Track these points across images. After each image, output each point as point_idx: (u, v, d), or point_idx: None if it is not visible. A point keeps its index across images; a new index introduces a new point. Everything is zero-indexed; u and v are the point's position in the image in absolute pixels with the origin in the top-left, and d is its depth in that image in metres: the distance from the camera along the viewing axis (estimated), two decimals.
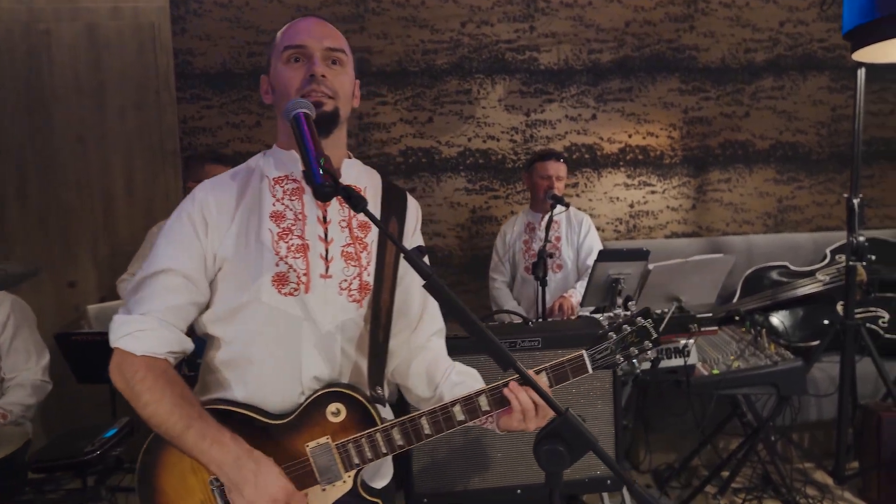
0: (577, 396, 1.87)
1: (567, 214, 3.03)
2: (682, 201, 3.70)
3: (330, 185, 1.04)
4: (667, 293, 2.28)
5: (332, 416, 1.19)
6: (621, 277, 2.17)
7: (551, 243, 2.96)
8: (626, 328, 1.27)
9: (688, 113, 3.65)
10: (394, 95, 3.45)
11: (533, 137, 3.56)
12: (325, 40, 1.21)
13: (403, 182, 3.50)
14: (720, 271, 2.34)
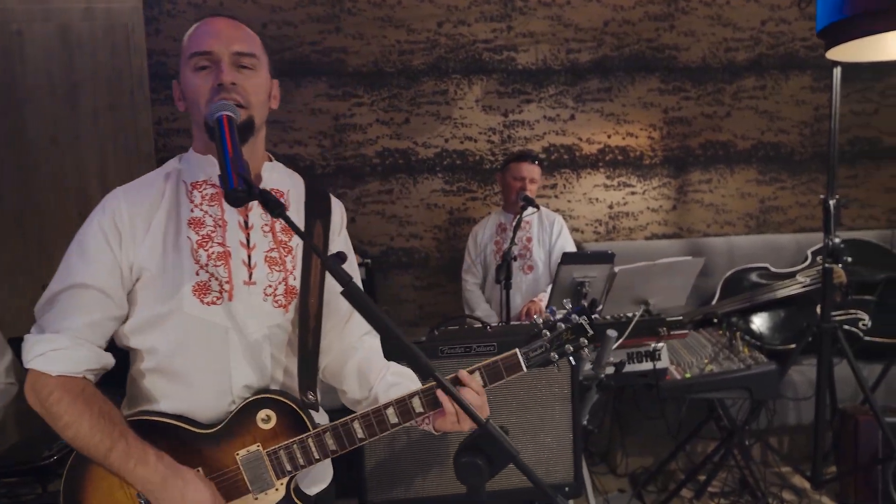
0: (533, 401, 1.84)
1: (539, 215, 3.00)
2: (662, 202, 3.66)
3: (243, 190, 1.01)
4: (634, 296, 2.25)
5: (262, 423, 1.17)
6: (586, 280, 2.14)
7: (522, 244, 2.93)
8: (560, 326, 1.24)
9: (668, 113, 3.61)
10: (370, 96, 3.42)
11: (511, 138, 3.53)
12: (234, 44, 1.17)
13: (380, 184, 3.48)
14: (689, 274, 2.30)
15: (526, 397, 1.83)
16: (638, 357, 2.37)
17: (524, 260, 2.92)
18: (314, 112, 3.40)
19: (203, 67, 1.16)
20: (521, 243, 2.93)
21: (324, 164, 3.44)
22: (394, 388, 1.24)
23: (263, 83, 1.23)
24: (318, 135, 3.41)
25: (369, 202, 3.48)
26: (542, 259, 2.93)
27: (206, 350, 1.16)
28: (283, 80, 3.37)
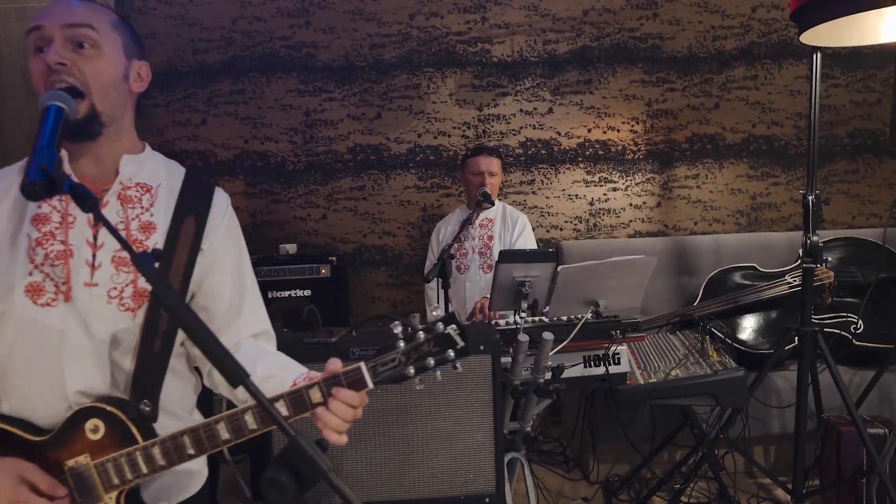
0: (453, 406, 1.75)
1: (503, 213, 2.90)
2: (646, 199, 3.51)
3: (40, 183, 0.96)
4: (582, 297, 2.13)
5: (90, 434, 1.11)
6: (527, 280, 2.03)
7: (483, 242, 2.84)
8: (420, 336, 1.14)
9: (651, 105, 3.46)
10: (341, 91, 3.37)
11: (486, 133, 3.43)
12: (67, 16, 1.08)
13: (352, 180, 3.42)
14: (642, 274, 2.18)
15: (445, 401, 1.74)
16: (596, 360, 2.25)
17: (484, 258, 2.82)
18: (285, 108, 3.36)
19: (39, 49, 1.09)
20: (483, 241, 2.84)
21: (295, 161, 3.40)
22: (269, 381, 1.17)
23: (108, 64, 1.12)
24: (289, 131, 3.38)
25: (341, 199, 3.43)
26: None
27: (38, 353, 1.11)
28: (254, 76, 3.36)
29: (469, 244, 2.85)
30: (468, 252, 2.84)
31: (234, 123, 3.35)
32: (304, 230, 3.44)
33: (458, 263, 2.84)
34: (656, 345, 2.77)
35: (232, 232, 1.28)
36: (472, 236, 2.86)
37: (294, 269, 3.08)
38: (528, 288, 2.02)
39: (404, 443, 1.72)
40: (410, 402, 1.71)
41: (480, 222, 2.87)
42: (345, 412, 1.08)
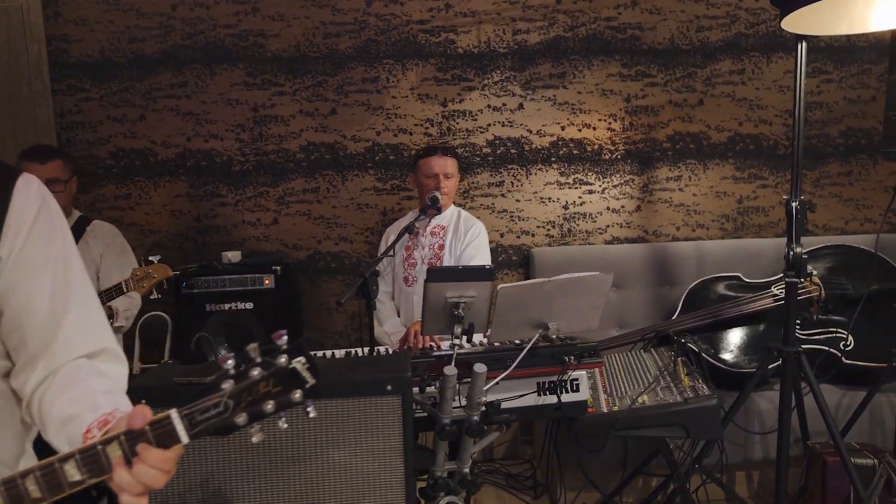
0: (355, 454, 1.48)
1: (457, 220, 2.64)
2: (624, 202, 3.26)
3: None
4: (528, 319, 1.87)
5: None
6: (462, 302, 1.78)
7: (433, 252, 2.58)
8: (254, 373, 0.86)
9: (630, 101, 3.20)
10: (292, 84, 3.09)
11: (451, 130, 3.16)
12: None
13: (305, 182, 3.15)
14: (597, 292, 1.92)
15: (347, 449, 1.47)
16: (553, 387, 2.00)
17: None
18: (231, 103, 3.08)
19: None
20: (433, 251, 2.58)
21: (242, 160, 3.12)
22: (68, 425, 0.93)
23: None
24: (236, 127, 3.10)
25: (293, 202, 3.16)
26: None
27: None
28: (196, 68, 3.07)
29: (418, 254, 2.59)
30: (417, 262, 2.58)
31: (175, 119, 3.07)
32: (252, 236, 3.17)
33: (405, 275, 2.58)
34: (627, 365, 2.52)
35: (47, 230, 1.02)
36: (421, 245, 2.60)
37: (235, 280, 2.81)
38: (462, 310, 1.76)
39: (301, 494, 1.46)
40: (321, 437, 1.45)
41: (432, 230, 2.60)
42: (152, 478, 0.83)
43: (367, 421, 1.45)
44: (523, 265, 3.24)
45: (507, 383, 1.90)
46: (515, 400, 1.92)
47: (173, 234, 3.14)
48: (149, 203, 3.12)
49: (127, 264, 2.51)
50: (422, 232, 2.60)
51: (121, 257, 2.54)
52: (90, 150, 3.07)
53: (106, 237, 2.56)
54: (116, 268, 2.49)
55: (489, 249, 2.66)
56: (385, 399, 1.43)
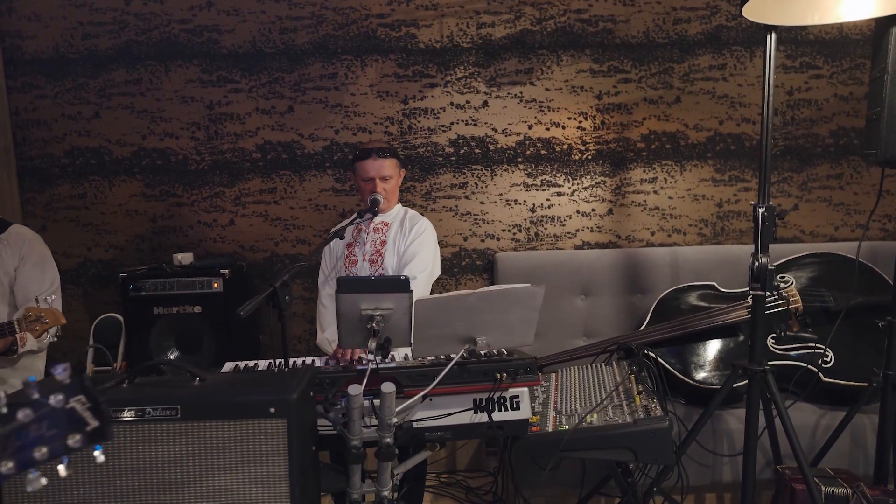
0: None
1: (402, 217, 2.51)
2: (595, 205, 3.09)
3: None
4: (454, 334, 1.74)
5: None
6: (377, 315, 1.65)
7: (375, 248, 2.45)
8: (20, 416, 0.75)
9: (602, 99, 3.03)
10: (248, 81, 3.00)
11: (412, 129, 3.04)
12: None
13: (261, 182, 3.05)
14: (528, 306, 1.77)
15: (236, 468, 1.36)
16: (492, 404, 1.87)
17: (375, 267, 2.44)
18: (185, 100, 3.00)
19: None
20: (374, 247, 2.45)
21: (198, 159, 3.04)
22: None
23: None
24: (191, 126, 3.02)
25: (250, 202, 3.07)
26: (394, 267, 2.44)
27: None
28: (150, 64, 3.00)
29: (359, 250, 2.47)
30: (358, 259, 2.46)
31: (129, 117, 3.00)
32: (209, 237, 3.08)
33: (347, 272, 2.47)
34: (585, 380, 2.37)
35: None
36: (362, 241, 2.47)
37: (183, 283, 2.73)
38: (377, 324, 1.64)
39: None
40: (187, 473, 1.34)
41: (375, 226, 2.48)
42: None
43: (250, 446, 1.34)
44: (487, 270, 3.10)
45: (440, 399, 1.78)
46: (447, 417, 1.81)
47: (129, 235, 3.08)
48: (104, 203, 3.06)
49: (46, 278, 2.32)
50: (364, 228, 2.48)
51: (39, 268, 2.33)
52: (45, 148, 3.02)
53: (22, 247, 2.31)
54: (34, 281, 2.30)
55: (436, 249, 2.51)
56: (269, 422, 1.31)
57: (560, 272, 3.02)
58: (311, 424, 1.47)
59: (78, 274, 3.09)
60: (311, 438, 1.45)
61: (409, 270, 2.35)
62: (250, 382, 1.43)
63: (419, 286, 2.31)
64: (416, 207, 3.04)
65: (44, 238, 3.05)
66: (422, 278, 2.34)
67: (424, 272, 2.37)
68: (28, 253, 2.29)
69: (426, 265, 2.39)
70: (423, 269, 2.36)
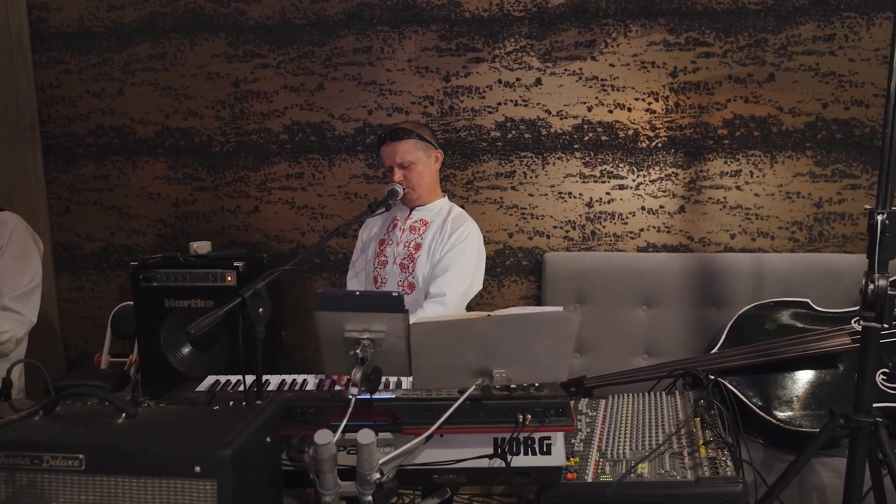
0: None
1: (445, 216, 2.17)
2: (664, 201, 2.65)
3: None
4: (462, 365, 1.39)
5: None
6: (364, 339, 1.33)
7: (407, 252, 2.12)
8: None
9: (677, 76, 2.57)
10: (276, 56, 2.73)
11: (453, 109, 2.69)
12: None
13: (288, 166, 2.79)
14: (559, 336, 1.38)
15: None
16: (515, 446, 1.52)
17: (406, 273, 2.12)
18: (210, 76, 2.78)
19: None
20: (407, 249, 2.13)
21: (222, 140, 2.82)
22: None
23: None
24: (216, 104, 2.79)
25: (276, 188, 2.82)
26: (425, 277, 2.11)
27: None
28: (175, 38, 2.79)
29: (391, 251, 2.15)
30: (388, 261, 2.15)
31: (153, 94, 2.81)
32: (232, 224, 2.86)
33: (375, 274, 2.16)
34: (640, 413, 1.96)
35: None
36: (395, 241, 2.16)
37: (196, 275, 2.51)
38: (365, 350, 1.31)
39: None
40: None
41: (412, 224, 2.16)
42: None
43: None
44: (534, 272, 2.72)
45: (453, 437, 1.45)
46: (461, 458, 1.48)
47: (152, 219, 2.90)
48: (127, 185, 2.89)
49: (25, 272, 2.09)
50: (400, 224, 2.17)
51: (18, 261, 2.08)
52: (70, 126, 2.88)
53: (2, 235, 2.09)
54: (10, 274, 2.06)
55: (479, 260, 2.15)
56: (193, 484, 1.00)
57: (619, 278, 2.60)
58: (264, 480, 1.15)
59: (100, 259, 2.95)
60: (262, 498, 1.13)
61: (438, 285, 2.01)
62: (187, 424, 1.13)
63: (447, 305, 1.97)
64: (454, 199, 2.70)
65: (66, 221, 2.94)
66: (452, 297, 1.99)
67: (457, 290, 2.02)
68: (9, 242, 2.07)
69: (461, 282, 2.03)
70: (455, 287, 2.01)
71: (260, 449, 1.09)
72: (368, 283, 2.21)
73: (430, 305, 1.99)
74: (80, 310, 2.99)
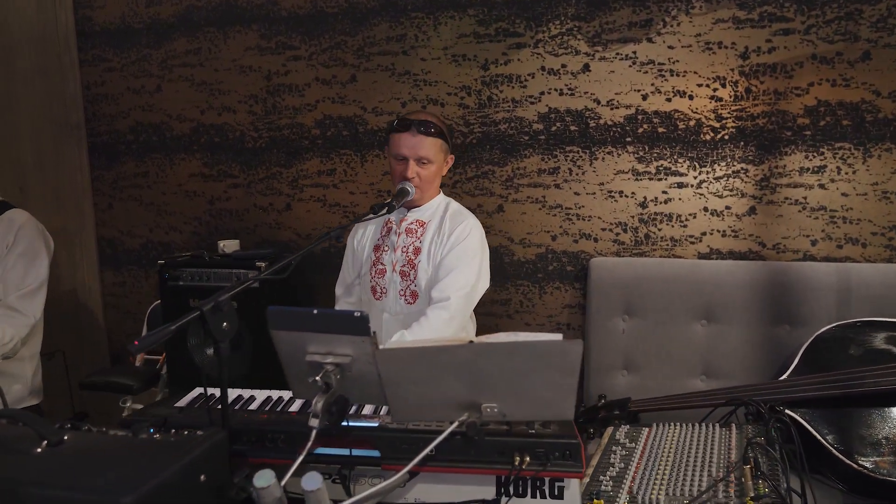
0: None
1: (442, 214, 1.97)
2: (731, 201, 2.31)
3: None
4: (446, 397, 1.17)
5: None
6: (328, 364, 1.15)
7: (406, 258, 1.94)
8: None
9: (749, 58, 2.24)
10: (308, 47, 2.62)
11: (492, 100, 2.47)
12: None
13: (320, 162, 2.67)
14: (559, 368, 1.12)
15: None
16: (520, 486, 1.31)
17: (407, 281, 1.93)
18: (244, 70, 2.70)
19: None
20: (406, 255, 1.94)
21: (255, 136, 2.74)
22: None
23: None
24: (249, 98, 2.71)
25: (307, 185, 2.71)
26: (429, 282, 1.91)
27: None
28: (210, 32, 2.73)
29: (388, 258, 1.97)
30: (386, 269, 1.97)
31: (189, 90, 2.77)
32: (264, 222, 2.78)
33: (373, 284, 1.98)
34: (687, 447, 1.68)
35: None
36: (391, 246, 1.97)
37: (220, 275, 2.44)
38: (328, 376, 1.13)
39: None
40: None
41: (408, 226, 1.97)
42: None
43: None
44: (580, 278, 2.46)
45: (447, 475, 1.26)
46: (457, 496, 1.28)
47: (187, 216, 2.87)
48: (165, 182, 2.87)
49: (29, 272, 2.05)
50: (395, 228, 1.98)
51: (24, 259, 2.04)
52: (113, 124, 2.89)
53: (9, 234, 2.05)
54: (15, 272, 2.02)
55: (483, 257, 1.95)
56: None
57: (676, 287, 2.30)
58: None
59: (140, 255, 2.95)
60: None
61: (441, 289, 1.82)
62: (105, 459, 0.98)
63: (451, 309, 1.79)
64: (493, 197, 2.49)
65: (110, 218, 2.96)
66: (456, 300, 1.81)
67: (461, 292, 1.83)
68: (16, 240, 2.04)
69: (465, 283, 1.84)
70: (459, 289, 1.82)
71: (186, 491, 0.94)
72: (365, 294, 2.02)
73: (433, 312, 1.80)
74: (123, 304, 3.02)
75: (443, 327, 1.79)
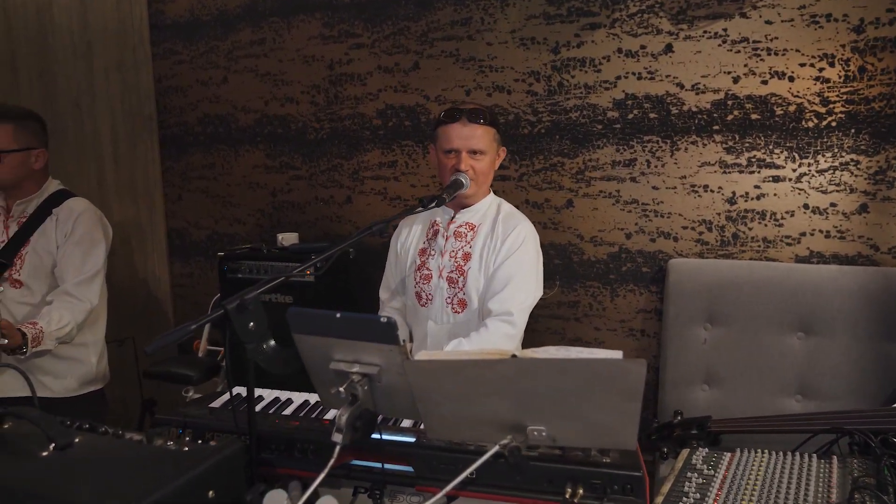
0: None
1: (494, 217, 1.81)
2: (837, 197, 2.02)
3: None
4: (487, 416, 1.02)
5: None
6: (354, 373, 1.03)
7: (455, 263, 1.79)
8: None
9: (863, 32, 1.94)
10: (370, 34, 2.53)
11: (563, 86, 2.28)
12: None
13: (381, 154, 2.58)
14: (617, 390, 0.95)
15: None
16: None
17: (455, 289, 1.77)
18: (307, 60, 2.65)
19: None
20: (455, 261, 1.79)
21: (317, 127, 2.68)
22: None
23: None
24: (311, 89, 2.66)
25: (368, 178, 2.62)
26: (479, 291, 1.75)
27: None
28: (274, 21, 2.69)
29: (434, 263, 1.83)
30: (432, 275, 1.82)
31: (254, 81, 2.75)
32: (325, 215, 2.72)
33: (417, 289, 1.85)
34: (775, 481, 1.44)
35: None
36: (438, 250, 1.83)
37: (277, 269, 2.40)
38: (354, 387, 1.02)
39: None
40: None
41: (457, 229, 1.82)
42: None
43: None
44: (657, 281, 2.24)
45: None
46: None
47: (251, 208, 2.86)
48: (230, 174, 2.87)
49: (87, 260, 2.02)
50: (442, 231, 1.84)
51: (80, 248, 2.03)
52: (182, 116, 2.92)
53: (68, 222, 2.04)
54: (71, 261, 2.00)
55: (538, 265, 1.79)
56: None
57: (767, 293, 2.04)
58: None
59: (206, 246, 2.97)
60: None
61: (501, 302, 1.67)
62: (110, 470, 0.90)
63: (517, 326, 1.66)
64: (562, 191, 2.31)
65: (179, 209, 2.99)
66: (519, 315, 1.67)
67: (523, 306, 1.68)
68: (74, 228, 2.04)
69: (525, 295, 1.69)
70: (521, 302, 1.68)
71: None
72: (410, 300, 1.89)
73: (495, 324, 1.65)
74: (190, 295, 3.05)
75: (506, 342, 1.65)
